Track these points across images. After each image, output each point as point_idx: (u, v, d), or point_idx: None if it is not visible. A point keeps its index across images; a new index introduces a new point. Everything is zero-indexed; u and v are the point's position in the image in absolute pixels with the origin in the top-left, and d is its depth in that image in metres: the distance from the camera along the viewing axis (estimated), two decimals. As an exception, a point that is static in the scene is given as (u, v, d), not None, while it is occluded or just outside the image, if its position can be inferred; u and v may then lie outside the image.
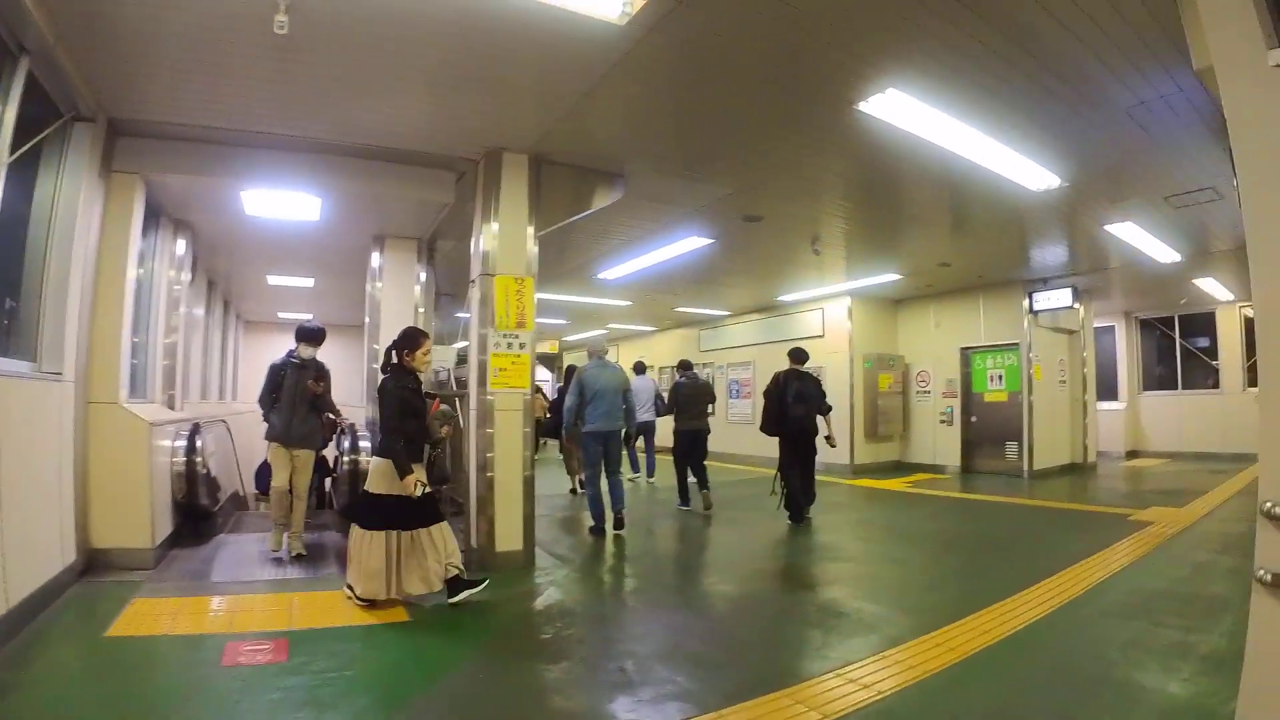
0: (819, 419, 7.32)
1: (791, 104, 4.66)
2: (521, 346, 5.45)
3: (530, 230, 5.58)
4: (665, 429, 8.99)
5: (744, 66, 4.17)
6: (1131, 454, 13.96)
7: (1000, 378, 11.28)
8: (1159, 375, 14.31)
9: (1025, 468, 10.74)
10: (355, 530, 4.22)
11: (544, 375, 21.18)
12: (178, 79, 4.31)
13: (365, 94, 4.55)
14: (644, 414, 9.47)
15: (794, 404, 7.15)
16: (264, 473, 7.36)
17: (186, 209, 6.47)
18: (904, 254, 9.32)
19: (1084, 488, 10.11)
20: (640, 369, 10.43)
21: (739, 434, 14.23)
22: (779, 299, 12.73)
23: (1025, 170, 5.64)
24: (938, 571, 5.47)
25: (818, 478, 7.53)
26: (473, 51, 3.95)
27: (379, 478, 4.21)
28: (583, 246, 8.68)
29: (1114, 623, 3.94)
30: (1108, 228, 7.66)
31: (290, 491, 5.56)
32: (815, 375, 7.93)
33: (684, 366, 8.97)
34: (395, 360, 4.35)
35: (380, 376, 4.43)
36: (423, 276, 7.85)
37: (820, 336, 12.53)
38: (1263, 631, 1.60)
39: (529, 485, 5.43)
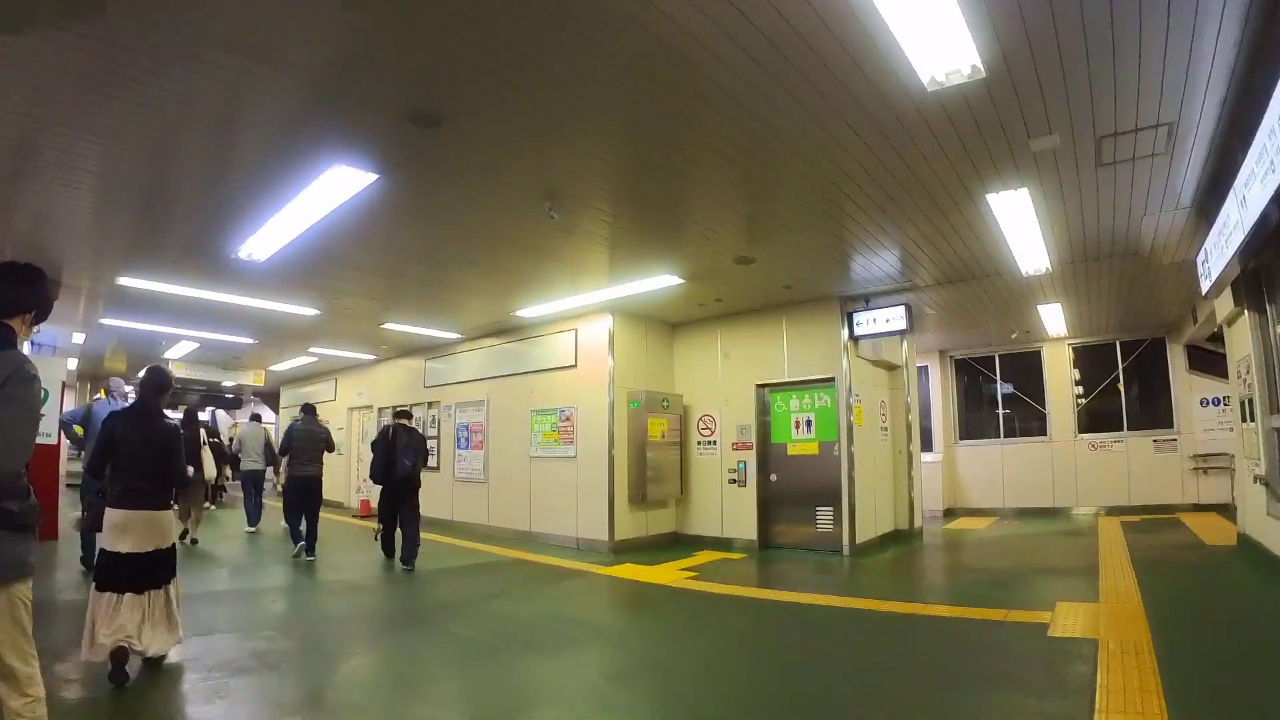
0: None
1: None
2: None
3: None
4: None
5: None
6: (949, 513, 12.12)
7: (809, 424, 8.59)
8: (977, 422, 12.74)
9: (846, 541, 8.07)
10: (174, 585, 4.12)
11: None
12: None
13: None
14: (252, 463, 10.08)
15: (403, 455, 7.50)
16: None
17: None
18: (690, 240, 6.32)
19: (932, 570, 7.61)
20: (255, 418, 10.89)
21: (470, 498, 10.58)
22: (518, 314, 9.20)
23: (930, 39, 3.12)
24: None
25: (561, 562, 7.59)
26: None
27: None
28: (178, 192, 5.08)
29: None
30: (991, 196, 5.18)
31: None
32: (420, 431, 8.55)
33: (306, 409, 8.58)
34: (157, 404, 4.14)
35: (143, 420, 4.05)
36: None
37: (572, 367, 9.32)
38: None
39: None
